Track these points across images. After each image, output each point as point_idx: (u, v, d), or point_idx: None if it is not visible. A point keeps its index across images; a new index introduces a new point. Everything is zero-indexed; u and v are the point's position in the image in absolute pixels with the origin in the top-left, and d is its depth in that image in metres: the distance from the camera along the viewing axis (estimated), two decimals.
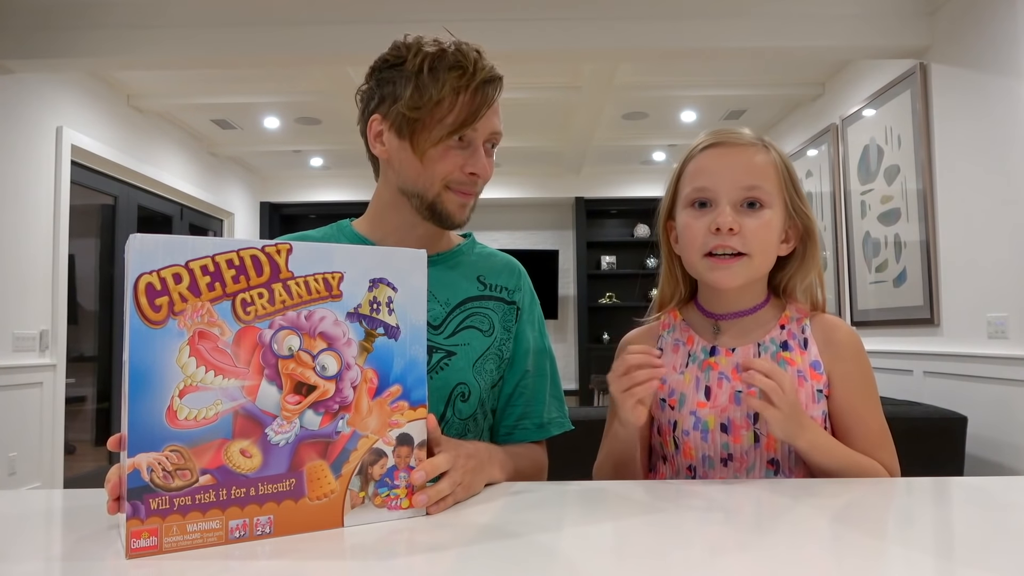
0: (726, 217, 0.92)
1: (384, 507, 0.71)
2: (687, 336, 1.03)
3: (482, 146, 0.98)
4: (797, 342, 0.98)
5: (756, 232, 0.93)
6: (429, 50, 0.94)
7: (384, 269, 0.72)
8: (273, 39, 3.14)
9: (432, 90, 0.93)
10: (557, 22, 3.11)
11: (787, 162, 0.99)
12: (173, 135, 4.95)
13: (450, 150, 0.96)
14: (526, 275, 1.14)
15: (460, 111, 0.94)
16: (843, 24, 3.08)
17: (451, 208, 0.99)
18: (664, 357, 1.01)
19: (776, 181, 0.96)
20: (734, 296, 0.99)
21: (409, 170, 0.98)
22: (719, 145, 0.97)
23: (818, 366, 0.96)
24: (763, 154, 0.96)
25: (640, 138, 5.42)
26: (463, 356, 1.00)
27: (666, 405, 1.00)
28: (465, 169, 0.96)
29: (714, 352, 0.99)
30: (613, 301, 6.71)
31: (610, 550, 0.62)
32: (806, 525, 0.70)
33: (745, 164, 0.95)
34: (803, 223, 0.98)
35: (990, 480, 0.92)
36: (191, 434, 0.62)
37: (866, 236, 3.68)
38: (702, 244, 0.94)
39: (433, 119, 0.94)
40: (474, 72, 0.93)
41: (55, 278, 3.68)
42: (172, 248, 0.62)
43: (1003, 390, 2.63)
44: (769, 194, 0.94)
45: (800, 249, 1.00)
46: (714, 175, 0.95)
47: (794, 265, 1.01)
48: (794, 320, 1.00)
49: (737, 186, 0.93)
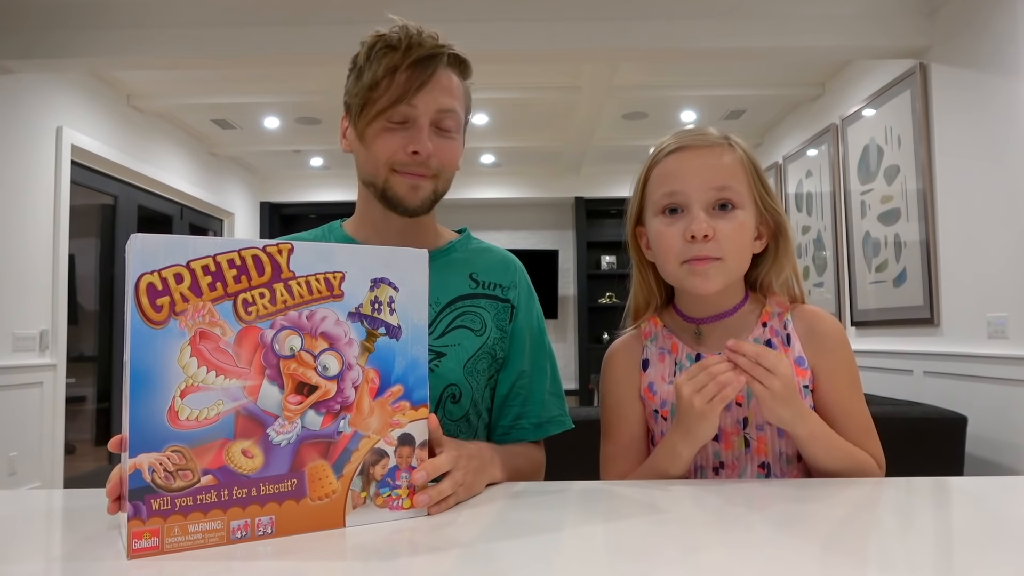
0: (700, 224, 0.90)
1: (385, 507, 0.71)
2: (671, 343, 1.01)
3: (428, 125, 0.95)
4: (780, 339, 0.97)
5: (730, 235, 0.91)
6: (370, 39, 0.95)
7: (386, 269, 0.72)
8: (273, 39, 3.14)
9: (367, 73, 0.93)
10: (557, 22, 3.11)
11: (754, 158, 0.97)
12: (173, 135, 4.95)
13: (389, 131, 0.95)
14: (523, 271, 1.11)
15: (395, 89, 0.93)
16: (843, 24, 3.08)
17: (400, 191, 0.96)
18: (651, 369, 1.00)
19: (745, 180, 0.94)
20: (713, 299, 0.97)
21: (360, 158, 0.99)
22: (685, 148, 0.95)
23: (802, 361, 0.96)
24: (730, 153, 0.95)
25: (640, 138, 5.41)
26: (453, 357, 0.99)
27: (658, 416, 0.98)
28: (407, 149, 0.94)
29: (699, 358, 0.97)
30: (613, 301, 6.71)
31: (611, 550, 0.62)
32: (804, 525, 0.70)
33: (713, 165, 0.93)
34: (774, 219, 0.97)
35: (990, 480, 0.92)
36: (192, 434, 0.62)
37: (866, 236, 3.68)
38: (678, 252, 0.92)
39: (371, 102, 0.94)
40: (408, 49, 0.92)
41: (55, 278, 3.68)
42: (173, 248, 0.62)
43: (1003, 390, 2.63)
44: (740, 194, 0.93)
45: (772, 246, 0.99)
46: (683, 179, 0.93)
47: (768, 262, 1.00)
48: (775, 315, 0.99)
49: (707, 188, 0.92)
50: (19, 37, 3.12)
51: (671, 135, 0.99)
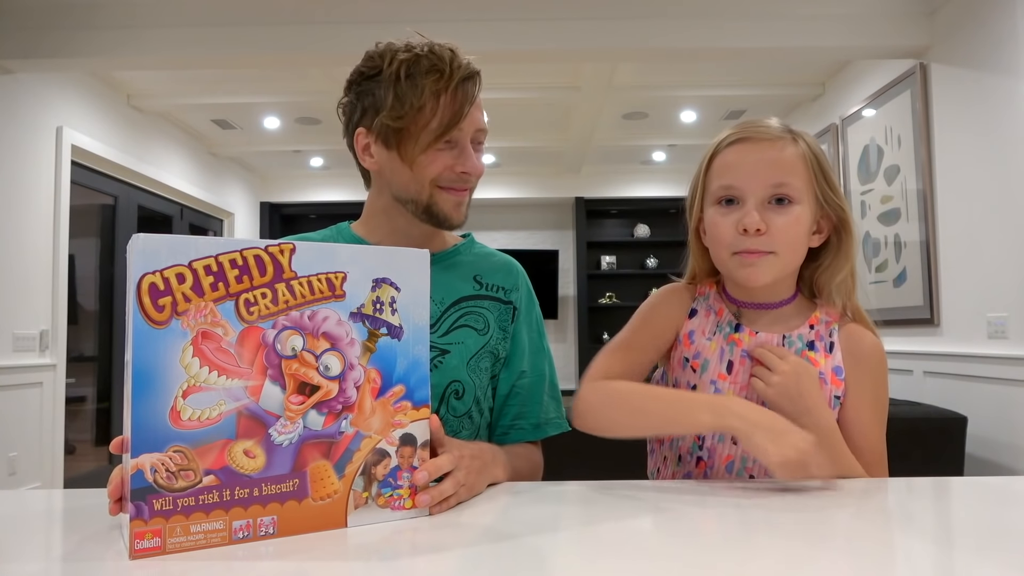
0: (752, 218, 0.90)
1: (387, 507, 0.71)
2: (719, 307, 1.02)
3: (469, 144, 0.98)
4: (823, 344, 0.97)
5: (784, 230, 0.91)
6: (403, 56, 0.94)
7: (387, 269, 0.72)
8: (273, 39, 3.14)
9: (412, 97, 0.93)
10: (557, 22, 3.11)
11: (817, 152, 0.96)
12: (173, 135, 4.95)
13: (439, 153, 0.96)
14: (524, 275, 1.14)
15: (443, 114, 0.94)
16: (843, 24, 3.08)
17: (447, 208, 0.99)
18: (696, 319, 1.02)
19: (805, 175, 0.93)
20: (760, 289, 0.98)
21: (400, 178, 0.99)
22: (746, 140, 0.94)
23: (840, 372, 0.96)
24: (791, 147, 0.94)
25: (640, 138, 5.42)
26: (456, 354, 1.00)
27: (688, 364, 0.99)
28: (456, 169, 0.97)
29: (739, 329, 0.98)
30: (613, 301, 6.71)
31: (612, 551, 0.62)
32: (804, 525, 0.70)
33: (772, 160, 0.92)
34: (836, 214, 0.96)
35: (990, 480, 0.92)
36: (194, 434, 0.62)
37: (866, 236, 3.68)
38: (730, 243, 0.93)
39: (417, 126, 0.94)
40: (451, 73, 0.93)
41: (55, 278, 3.68)
42: (175, 248, 0.62)
43: (1003, 390, 2.64)
44: (798, 190, 0.92)
45: (834, 240, 0.98)
46: (740, 172, 0.93)
47: (827, 258, 0.99)
48: (823, 322, 0.99)
49: (764, 184, 0.92)
50: (19, 37, 3.12)
51: (734, 125, 0.98)
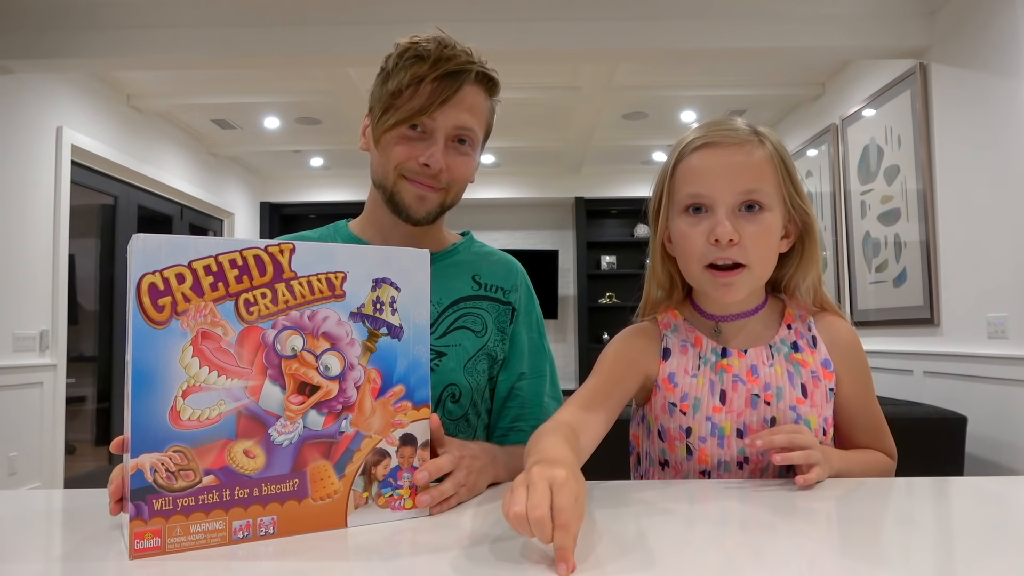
0: (725, 228, 0.87)
1: (387, 507, 0.71)
2: (694, 337, 0.98)
3: (444, 140, 0.95)
4: (806, 341, 0.97)
5: (756, 240, 0.88)
6: (402, 43, 0.96)
7: (387, 269, 0.72)
8: (273, 39, 3.14)
9: (393, 80, 0.94)
10: (557, 22, 3.11)
11: (784, 154, 0.93)
12: (173, 135, 4.95)
13: (406, 139, 0.95)
14: (524, 275, 1.12)
15: (417, 100, 0.93)
16: (843, 24, 3.08)
17: (408, 199, 0.97)
18: (673, 359, 0.97)
19: (774, 179, 0.90)
20: (734, 302, 0.95)
21: (374, 160, 1.00)
22: (712, 145, 0.90)
23: (828, 364, 0.96)
24: (759, 150, 0.90)
25: (640, 138, 5.42)
26: (454, 357, 0.99)
27: (676, 410, 0.95)
28: (418, 159, 0.95)
29: (726, 354, 0.95)
30: (613, 301, 6.71)
31: (612, 551, 0.62)
32: (805, 525, 0.70)
33: (741, 165, 0.89)
34: (801, 219, 0.94)
35: (990, 480, 0.92)
36: (194, 434, 0.62)
37: (866, 236, 3.68)
38: (702, 255, 0.89)
39: (392, 108, 0.94)
40: (436, 62, 0.92)
41: (55, 278, 3.68)
42: (175, 248, 0.62)
43: (1003, 390, 2.64)
44: (768, 195, 0.89)
45: (799, 246, 0.96)
46: (709, 180, 0.89)
47: (793, 263, 0.97)
48: (798, 317, 0.99)
49: (734, 191, 0.88)
50: (19, 37, 3.12)
51: (698, 126, 0.94)
